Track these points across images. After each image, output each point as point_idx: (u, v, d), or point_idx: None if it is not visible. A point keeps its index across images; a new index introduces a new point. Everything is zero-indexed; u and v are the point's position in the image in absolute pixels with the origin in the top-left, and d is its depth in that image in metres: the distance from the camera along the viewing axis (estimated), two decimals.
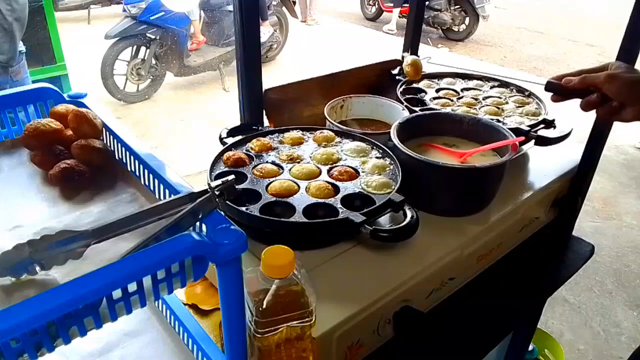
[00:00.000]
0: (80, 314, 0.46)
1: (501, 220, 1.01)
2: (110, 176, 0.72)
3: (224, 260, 0.51)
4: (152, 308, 0.85)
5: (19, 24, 2.07)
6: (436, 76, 1.46)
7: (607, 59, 3.67)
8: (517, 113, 1.25)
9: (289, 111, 1.25)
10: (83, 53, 4.94)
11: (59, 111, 0.75)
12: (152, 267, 0.47)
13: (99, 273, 0.44)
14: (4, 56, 2.04)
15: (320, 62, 5.81)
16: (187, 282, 0.52)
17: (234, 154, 0.99)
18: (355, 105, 1.28)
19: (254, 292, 0.62)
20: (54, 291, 0.42)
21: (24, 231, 0.61)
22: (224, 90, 5.15)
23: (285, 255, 0.61)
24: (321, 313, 0.68)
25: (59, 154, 0.71)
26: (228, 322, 0.58)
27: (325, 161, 0.99)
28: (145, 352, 0.78)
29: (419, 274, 0.85)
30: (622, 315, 2.51)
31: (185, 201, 0.57)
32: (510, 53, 6.71)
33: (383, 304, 0.80)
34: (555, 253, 1.19)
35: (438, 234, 0.93)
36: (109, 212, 0.66)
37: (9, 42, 2.03)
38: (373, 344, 0.83)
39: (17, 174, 0.72)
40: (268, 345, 0.64)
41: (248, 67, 1.07)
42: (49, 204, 0.67)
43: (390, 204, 0.87)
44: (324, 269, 0.83)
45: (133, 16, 4.54)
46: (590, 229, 3.08)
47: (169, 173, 0.63)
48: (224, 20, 5.20)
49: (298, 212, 0.84)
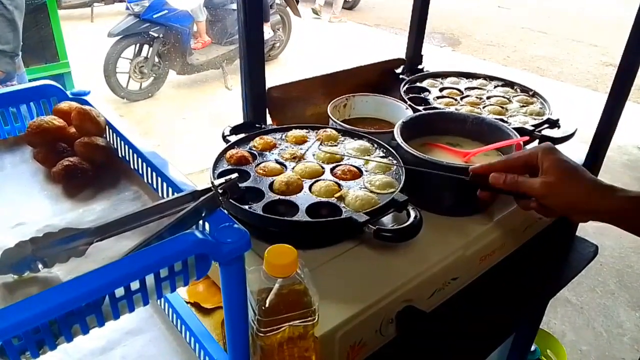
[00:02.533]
0: (82, 312, 0.46)
1: (504, 220, 1.00)
2: (113, 174, 0.71)
3: (227, 259, 0.51)
4: (154, 306, 0.85)
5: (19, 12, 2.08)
6: (440, 75, 1.45)
7: (611, 59, 3.66)
8: (521, 113, 1.24)
9: (292, 109, 1.25)
10: (86, 51, 4.95)
11: (62, 109, 0.75)
12: (155, 266, 0.47)
13: (102, 271, 0.44)
14: (10, 45, 2.04)
15: (324, 61, 5.80)
16: (189, 280, 0.52)
17: (237, 152, 0.98)
18: (359, 104, 1.28)
19: (256, 291, 0.62)
20: (56, 289, 0.42)
21: (27, 229, 0.60)
22: (226, 89, 5.15)
23: (289, 254, 0.61)
24: (324, 312, 0.68)
25: (62, 152, 0.71)
26: (231, 320, 0.58)
27: (329, 160, 0.99)
28: (147, 350, 0.78)
29: (422, 274, 0.85)
30: (625, 316, 2.50)
31: (188, 199, 0.57)
32: (514, 53, 6.69)
33: (386, 303, 0.79)
34: (559, 253, 1.19)
35: (441, 233, 0.93)
36: (112, 210, 0.65)
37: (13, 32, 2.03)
38: (375, 344, 0.83)
39: (20, 171, 0.72)
40: (270, 344, 0.63)
41: (251, 65, 1.07)
42: (52, 202, 0.66)
43: (394, 203, 0.86)
44: (327, 268, 0.83)
45: (136, 14, 4.55)
46: (593, 230, 3.05)
47: (172, 171, 0.63)
48: (227, 19, 5.20)
49: (301, 211, 0.84)
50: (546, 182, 0.77)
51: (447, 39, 7.14)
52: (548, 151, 0.79)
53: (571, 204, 0.77)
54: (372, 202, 0.86)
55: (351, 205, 0.86)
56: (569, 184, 0.76)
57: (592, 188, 0.75)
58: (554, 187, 0.76)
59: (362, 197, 0.87)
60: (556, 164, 0.77)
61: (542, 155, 0.78)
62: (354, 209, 0.85)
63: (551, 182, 0.76)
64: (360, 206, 0.85)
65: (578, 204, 0.76)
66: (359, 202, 0.86)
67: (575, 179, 0.76)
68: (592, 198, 0.75)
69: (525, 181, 0.79)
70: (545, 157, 0.78)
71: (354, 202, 0.86)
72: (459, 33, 7.38)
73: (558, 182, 0.76)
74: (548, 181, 0.76)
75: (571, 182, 0.76)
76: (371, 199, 0.87)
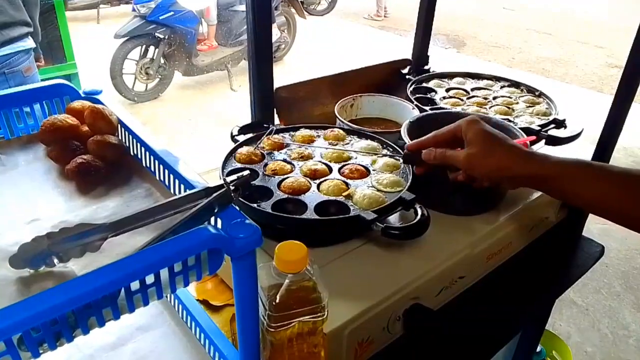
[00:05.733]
0: (99, 304, 0.47)
1: (511, 219, 1.01)
2: (126, 171, 0.72)
3: (240, 254, 0.52)
4: (163, 303, 0.86)
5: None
6: (446, 76, 1.46)
7: (616, 61, 3.65)
8: (527, 113, 1.25)
9: (300, 109, 1.26)
10: (92, 52, 4.97)
11: (75, 107, 0.76)
12: (169, 260, 0.48)
13: (119, 264, 0.45)
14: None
15: (329, 62, 5.82)
16: (202, 275, 0.53)
17: (245, 151, 0.99)
18: (366, 104, 1.29)
19: (267, 287, 0.63)
20: (75, 281, 0.43)
21: (42, 224, 0.61)
22: (231, 90, 5.16)
23: (299, 251, 0.62)
24: (332, 309, 0.68)
25: (75, 150, 0.72)
26: (242, 315, 0.59)
27: (336, 159, 1.00)
28: (158, 346, 0.79)
29: (429, 272, 0.85)
30: (631, 318, 2.49)
31: (201, 196, 0.58)
32: (519, 54, 6.68)
33: (393, 301, 0.80)
34: (565, 253, 1.19)
35: (448, 232, 0.93)
36: (125, 207, 0.66)
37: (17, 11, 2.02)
38: (383, 341, 0.84)
39: (34, 168, 0.73)
40: (280, 339, 0.64)
41: (260, 65, 1.08)
42: (66, 198, 0.67)
43: (401, 202, 0.87)
44: (335, 266, 0.83)
45: (142, 16, 4.57)
46: (598, 231, 3.05)
47: (184, 168, 0.64)
48: (232, 20, 5.21)
49: (310, 209, 0.85)
50: (469, 154, 0.79)
51: (452, 41, 7.14)
52: (471, 123, 0.81)
53: (494, 172, 0.79)
54: (380, 201, 0.87)
55: (359, 204, 0.87)
56: (490, 153, 0.78)
57: (513, 155, 0.77)
58: (477, 158, 0.79)
59: (370, 196, 0.88)
60: (477, 135, 0.79)
61: (466, 127, 0.80)
62: (361, 207, 0.86)
63: (474, 153, 0.79)
64: (368, 204, 0.86)
65: (501, 171, 0.78)
66: (367, 201, 0.87)
67: (495, 147, 0.78)
68: (514, 165, 0.77)
69: (452, 155, 0.82)
70: (469, 129, 0.80)
71: (361, 200, 0.87)
72: (464, 35, 7.37)
73: (480, 152, 0.78)
74: (471, 152, 0.79)
75: (493, 151, 0.78)
76: (379, 198, 0.88)
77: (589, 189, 0.73)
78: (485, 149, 0.78)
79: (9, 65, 2.01)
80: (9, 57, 2.00)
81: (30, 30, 2.09)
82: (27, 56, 2.10)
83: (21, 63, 2.06)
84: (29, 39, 2.11)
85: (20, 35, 2.03)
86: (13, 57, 2.01)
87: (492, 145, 0.78)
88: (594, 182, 0.73)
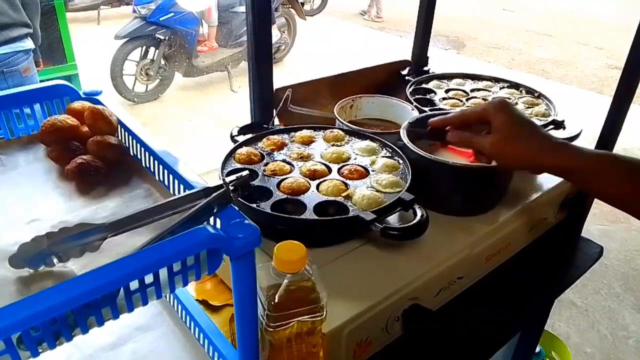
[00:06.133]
0: (98, 304, 0.47)
1: (510, 220, 1.01)
2: (125, 172, 0.73)
3: (239, 254, 0.52)
4: (163, 303, 0.86)
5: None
6: (445, 77, 1.46)
7: (616, 62, 3.65)
8: (526, 114, 1.25)
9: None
10: (93, 53, 4.98)
11: (75, 108, 0.77)
12: (168, 259, 0.48)
13: (118, 264, 0.45)
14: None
15: (329, 63, 5.82)
16: (201, 275, 0.53)
17: (245, 151, 0.99)
18: (365, 105, 1.29)
19: (266, 287, 0.63)
20: (74, 281, 0.43)
21: (41, 224, 0.62)
22: (232, 91, 5.17)
23: (298, 251, 0.62)
24: (331, 310, 0.69)
25: (75, 150, 0.72)
26: (241, 315, 0.59)
27: (336, 160, 1.00)
28: (157, 346, 0.79)
29: (428, 273, 0.86)
30: (630, 319, 2.49)
31: (200, 196, 0.58)
32: (519, 56, 6.69)
33: (392, 301, 0.80)
34: (564, 254, 1.19)
35: (447, 233, 0.94)
36: (124, 207, 0.66)
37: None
38: (381, 342, 0.84)
39: (34, 169, 0.74)
40: (279, 339, 0.64)
41: (260, 66, 1.08)
42: (65, 199, 0.68)
43: (400, 202, 0.87)
44: (334, 267, 0.84)
45: (143, 17, 4.57)
46: (598, 232, 3.06)
47: (184, 169, 0.64)
48: (232, 22, 5.22)
49: (309, 210, 0.85)
50: (494, 143, 0.79)
51: (452, 42, 7.15)
52: (499, 109, 0.79)
53: (519, 161, 0.79)
54: (379, 201, 0.87)
55: (358, 204, 0.87)
56: (516, 143, 0.78)
57: (539, 146, 0.77)
58: (502, 148, 0.78)
59: (369, 196, 0.88)
60: (504, 123, 0.78)
61: (494, 113, 0.79)
62: (360, 207, 0.86)
63: (499, 143, 0.78)
64: (367, 205, 0.86)
65: (527, 161, 0.78)
66: (366, 201, 0.87)
67: (521, 137, 0.77)
68: (540, 156, 0.77)
69: (479, 141, 0.81)
70: (496, 115, 0.79)
71: (360, 201, 0.87)
72: (464, 36, 7.38)
73: (506, 142, 0.78)
74: (496, 141, 0.78)
75: (519, 140, 0.77)
76: (378, 198, 0.88)
77: (615, 186, 0.73)
78: (511, 137, 0.78)
79: (7, 65, 2.01)
80: (7, 57, 2.00)
81: (30, 32, 2.10)
82: (26, 56, 2.11)
83: (20, 63, 2.07)
84: (29, 40, 2.12)
85: (20, 36, 2.04)
86: (12, 57, 2.02)
87: (518, 134, 0.78)
88: (621, 180, 0.73)
